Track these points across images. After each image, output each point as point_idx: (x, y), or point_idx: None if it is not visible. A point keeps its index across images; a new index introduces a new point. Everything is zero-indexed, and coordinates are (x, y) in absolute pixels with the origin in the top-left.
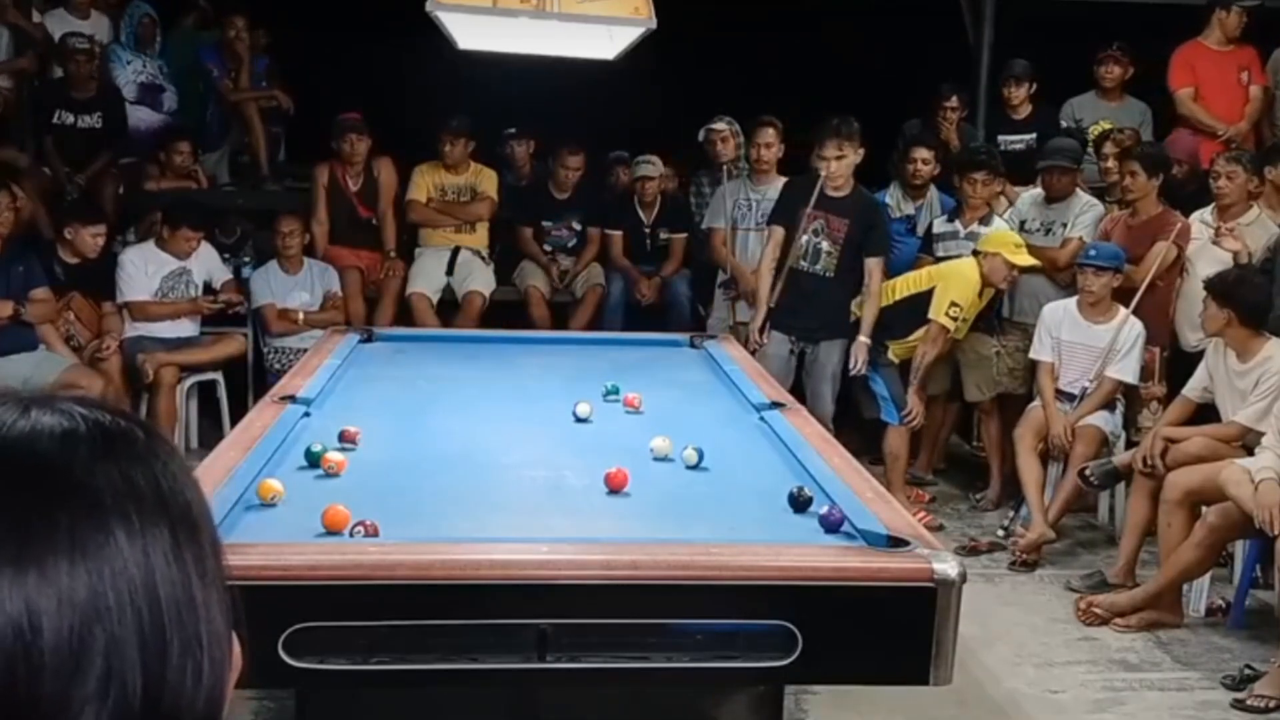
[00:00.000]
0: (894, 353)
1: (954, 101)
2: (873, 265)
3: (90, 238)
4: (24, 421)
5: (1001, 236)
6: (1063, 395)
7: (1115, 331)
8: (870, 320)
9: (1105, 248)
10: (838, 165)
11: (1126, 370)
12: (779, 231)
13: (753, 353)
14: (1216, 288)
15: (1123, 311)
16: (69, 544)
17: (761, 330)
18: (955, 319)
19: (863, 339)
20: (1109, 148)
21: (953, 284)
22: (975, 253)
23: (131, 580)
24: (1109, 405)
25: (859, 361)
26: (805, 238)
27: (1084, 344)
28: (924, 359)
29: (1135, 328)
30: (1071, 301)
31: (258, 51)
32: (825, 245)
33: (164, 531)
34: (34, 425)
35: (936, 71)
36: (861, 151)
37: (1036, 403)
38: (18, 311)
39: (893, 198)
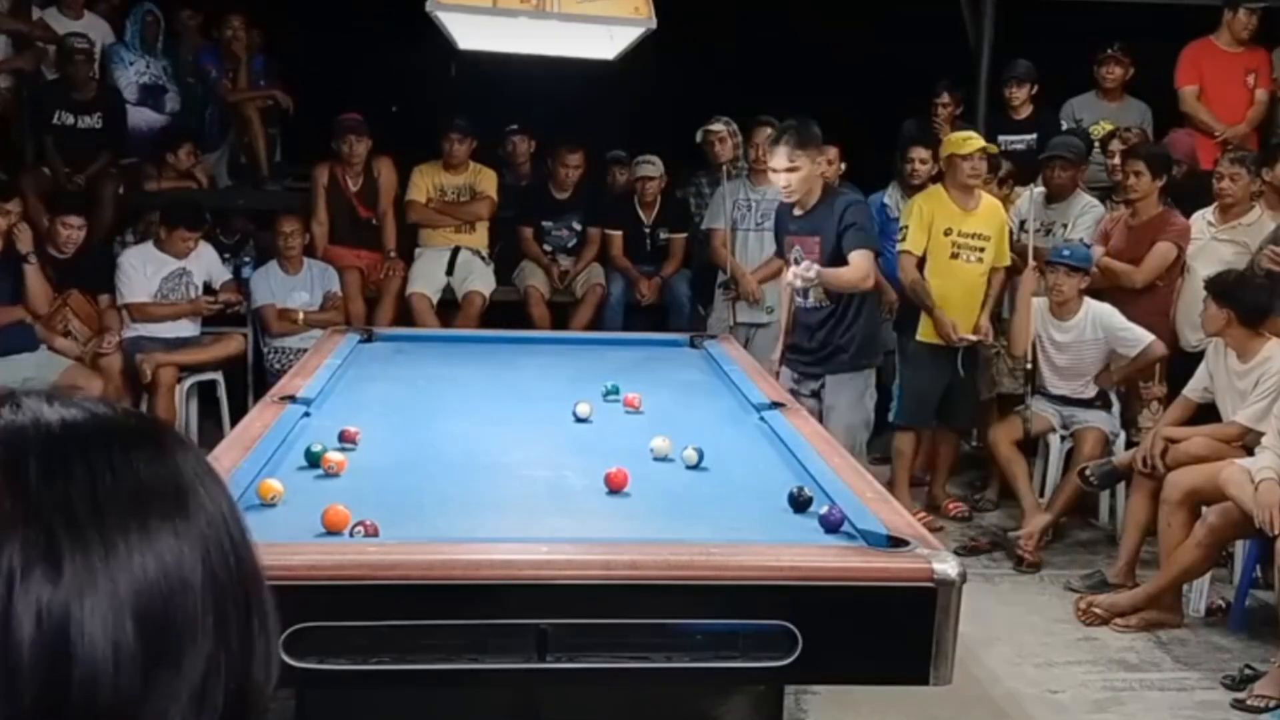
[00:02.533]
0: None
1: (945, 99)
2: (855, 258)
3: (63, 229)
4: (94, 411)
5: (947, 144)
6: (1053, 397)
7: (1084, 327)
8: (832, 276)
9: (1078, 249)
10: (789, 179)
11: (1143, 336)
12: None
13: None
14: (1216, 288)
15: (1085, 303)
16: (175, 510)
17: (777, 375)
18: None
19: (818, 268)
20: (1115, 145)
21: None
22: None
23: (220, 540)
24: (1107, 405)
25: (793, 274)
26: (791, 278)
27: (1057, 341)
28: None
29: (1103, 313)
30: (1042, 300)
31: (255, 51)
32: None
33: (227, 496)
34: (102, 411)
35: (936, 71)
36: (821, 161)
37: (1018, 408)
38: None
39: (891, 198)
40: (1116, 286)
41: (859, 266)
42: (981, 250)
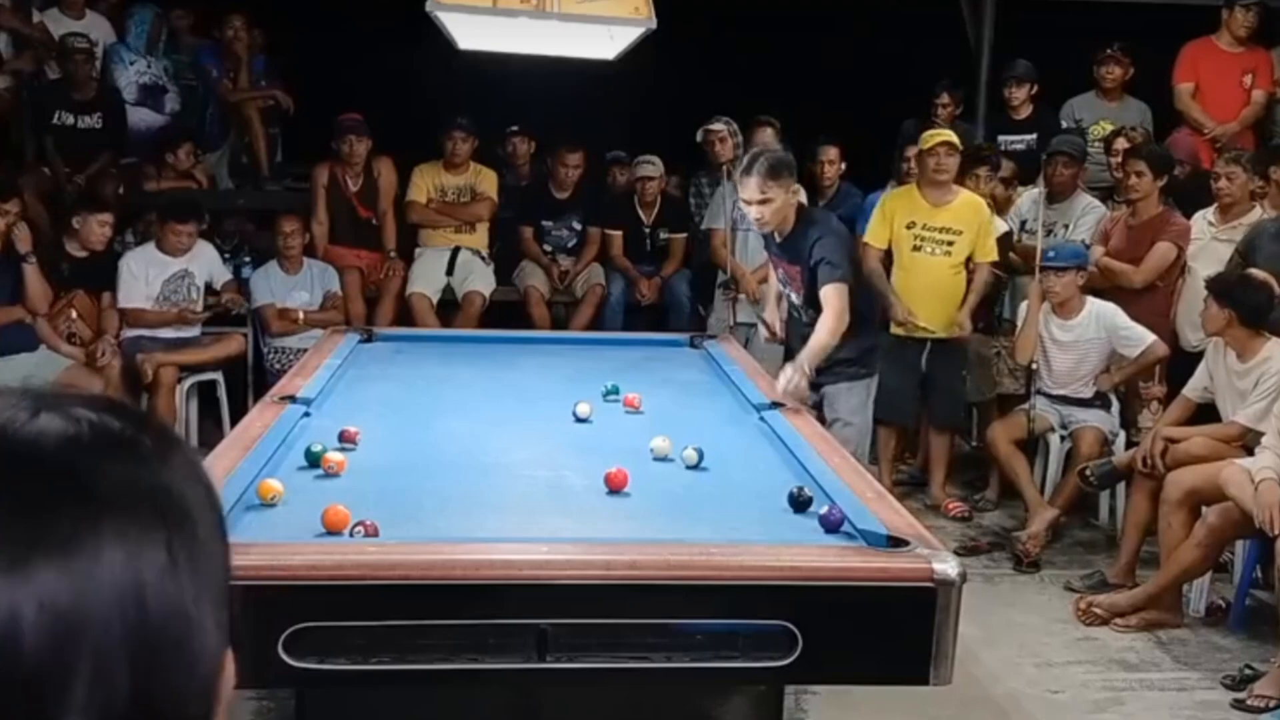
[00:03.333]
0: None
1: (945, 99)
2: (827, 293)
3: (98, 226)
4: (33, 423)
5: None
6: (1052, 397)
7: (1087, 326)
8: (815, 348)
9: (1064, 249)
10: (761, 210)
11: (1144, 336)
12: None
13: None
14: (1217, 288)
15: (1089, 302)
16: (59, 550)
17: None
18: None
19: (803, 365)
20: (1120, 143)
21: None
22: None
23: (122, 592)
24: (1106, 405)
25: (789, 380)
26: (780, 289)
27: (1061, 341)
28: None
29: (1106, 312)
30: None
31: (256, 51)
32: (794, 296)
33: (160, 542)
34: (41, 428)
35: (936, 71)
36: (798, 189)
37: (1021, 407)
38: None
39: None
40: (1117, 286)
41: (832, 307)
42: (950, 244)
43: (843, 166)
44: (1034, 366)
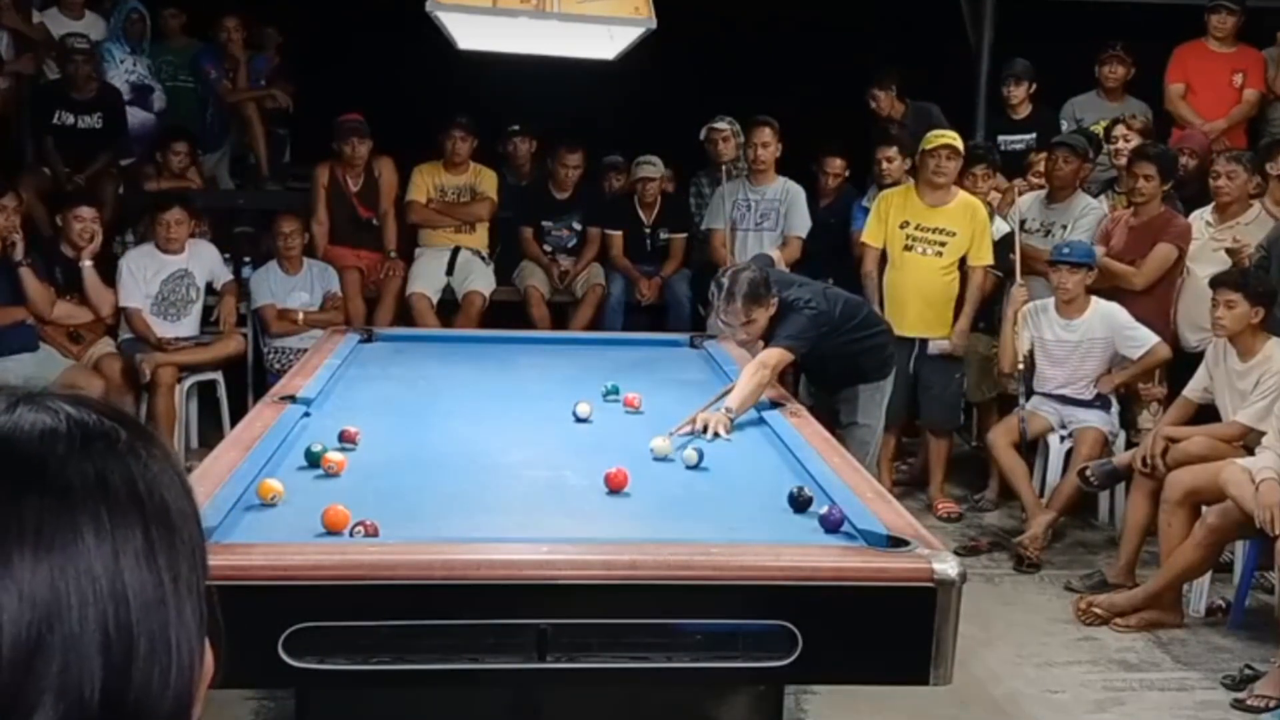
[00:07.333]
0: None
1: (880, 95)
2: (764, 353)
3: (75, 221)
4: (6, 418)
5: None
6: (1052, 396)
7: (1092, 325)
8: (742, 398)
9: (1079, 245)
10: (748, 330)
11: (1148, 338)
12: None
13: None
14: (1242, 285)
15: (1093, 302)
16: (35, 540)
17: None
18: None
19: (726, 413)
20: (1120, 129)
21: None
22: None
23: (97, 581)
24: (1106, 405)
25: (712, 421)
26: None
27: (1064, 341)
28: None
29: (1110, 311)
30: (1049, 301)
31: (263, 50)
32: None
33: (136, 533)
34: (15, 422)
35: (936, 71)
36: (775, 301)
37: (1017, 408)
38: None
39: (870, 200)
40: (1116, 286)
41: (756, 359)
42: (943, 245)
43: (847, 175)
44: (1020, 368)
